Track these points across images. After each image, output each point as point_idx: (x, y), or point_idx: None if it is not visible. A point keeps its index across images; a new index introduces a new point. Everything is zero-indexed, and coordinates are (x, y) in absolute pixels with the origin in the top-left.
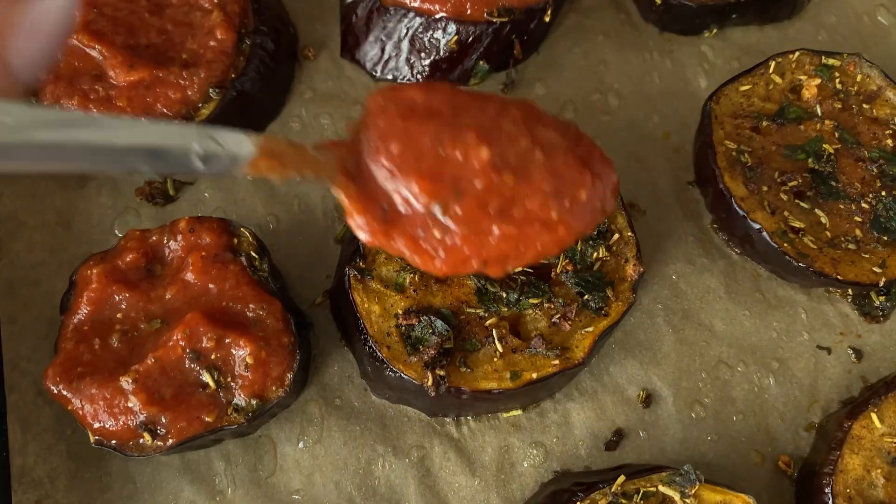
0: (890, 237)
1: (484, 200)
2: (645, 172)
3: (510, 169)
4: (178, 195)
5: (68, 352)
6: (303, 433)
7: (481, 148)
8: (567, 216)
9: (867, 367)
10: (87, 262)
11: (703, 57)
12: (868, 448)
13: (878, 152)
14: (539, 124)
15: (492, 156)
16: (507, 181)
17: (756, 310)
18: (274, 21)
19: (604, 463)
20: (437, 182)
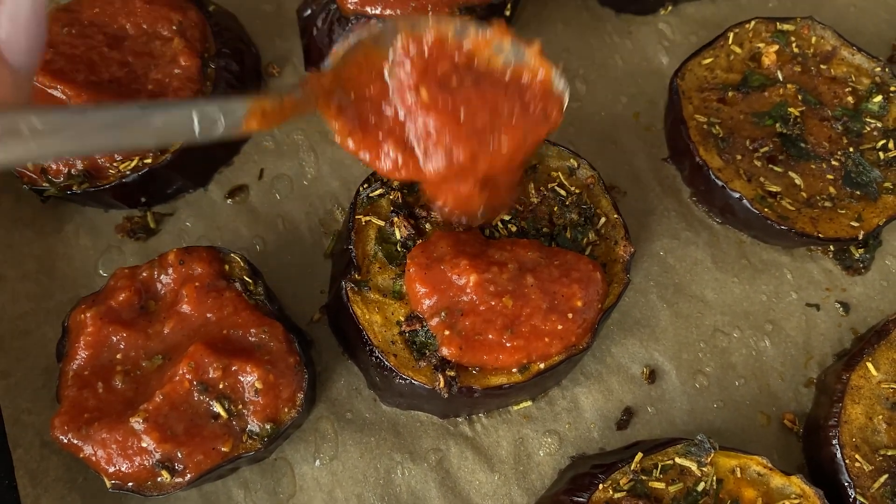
0: (862, 191)
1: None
2: (620, 154)
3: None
4: (160, 227)
5: (72, 399)
6: (318, 451)
7: None
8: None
9: (856, 319)
10: (79, 306)
11: (661, 35)
12: (868, 396)
13: (840, 110)
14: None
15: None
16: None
17: (744, 276)
18: (235, 42)
19: (617, 442)
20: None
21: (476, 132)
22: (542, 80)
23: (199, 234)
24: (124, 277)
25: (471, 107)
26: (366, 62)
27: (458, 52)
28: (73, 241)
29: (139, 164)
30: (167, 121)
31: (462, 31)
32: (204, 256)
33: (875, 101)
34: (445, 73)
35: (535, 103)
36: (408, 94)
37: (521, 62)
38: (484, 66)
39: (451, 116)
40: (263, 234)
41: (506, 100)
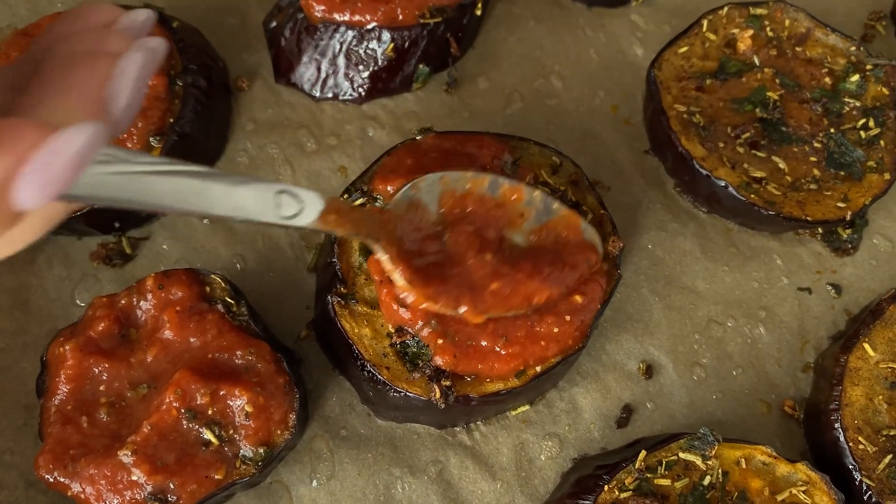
0: (847, 171)
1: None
2: (601, 148)
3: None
4: (136, 252)
5: (56, 436)
6: (314, 471)
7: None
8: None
9: (848, 300)
10: (57, 339)
11: (634, 26)
12: (866, 378)
13: (819, 91)
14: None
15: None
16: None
17: (734, 264)
18: (201, 57)
19: (618, 441)
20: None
21: (528, 299)
22: (575, 232)
23: (177, 256)
24: (102, 306)
25: (525, 278)
26: (415, 215)
27: (493, 206)
28: (47, 271)
29: None
30: (250, 197)
31: (495, 183)
32: (183, 279)
33: (852, 80)
34: (495, 239)
35: (576, 257)
36: (470, 257)
37: (551, 216)
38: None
39: (509, 284)
40: (243, 253)
41: (553, 267)
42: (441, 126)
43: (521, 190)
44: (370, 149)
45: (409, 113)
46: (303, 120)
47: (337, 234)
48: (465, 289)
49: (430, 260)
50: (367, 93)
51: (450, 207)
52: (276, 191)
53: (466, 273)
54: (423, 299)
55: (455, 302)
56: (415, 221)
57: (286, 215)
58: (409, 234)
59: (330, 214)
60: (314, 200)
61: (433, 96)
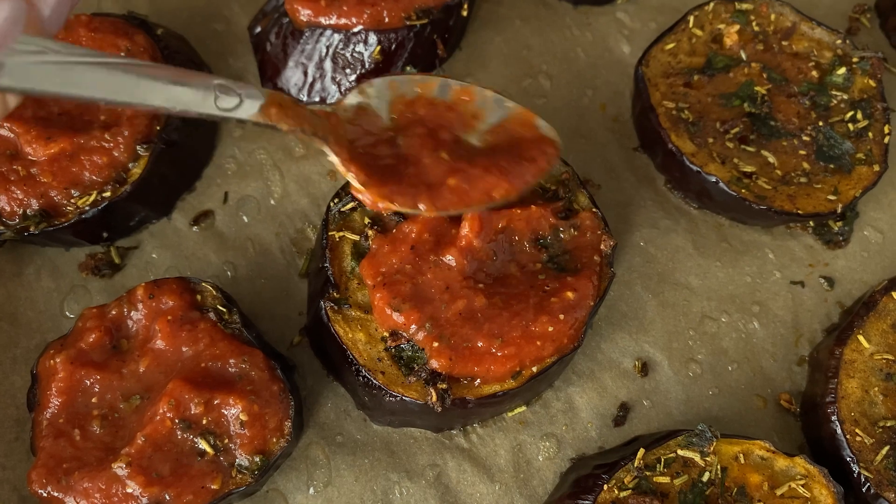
0: (836, 164)
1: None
2: (591, 147)
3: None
4: (125, 262)
5: (48, 449)
6: (311, 478)
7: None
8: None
9: (841, 292)
10: (47, 351)
11: (620, 24)
12: (862, 370)
13: (806, 85)
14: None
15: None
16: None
17: (726, 259)
18: (186, 64)
19: (616, 440)
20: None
21: (488, 194)
22: (530, 128)
23: (167, 265)
24: (93, 317)
25: (483, 173)
26: (364, 121)
27: (445, 108)
28: (35, 284)
29: (98, 198)
30: (188, 89)
31: (444, 87)
32: (174, 288)
33: (839, 73)
34: (452, 140)
35: (533, 151)
36: (425, 156)
37: (505, 114)
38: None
39: (466, 179)
40: (234, 260)
41: (510, 161)
42: None
43: (471, 91)
44: None
45: None
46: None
47: (279, 129)
48: (422, 186)
49: (385, 162)
50: None
51: (401, 113)
52: (215, 83)
53: (422, 171)
54: (380, 198)
55: (412, 200)
56: (365, 126)
57: (225, 107)
58: (360, 137)
59: (271, 107)
60: (254, 93)
61: None
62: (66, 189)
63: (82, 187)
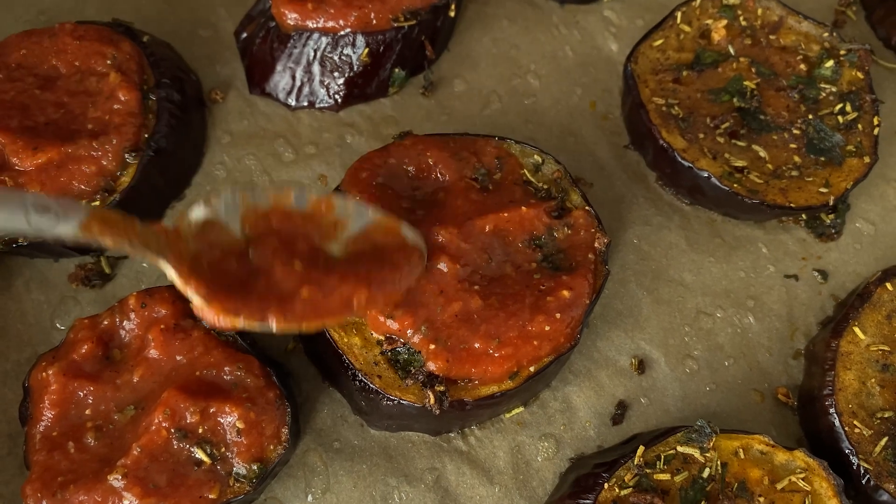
0: (827, 156)
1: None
2: (581, 145)
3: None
4: (115, 271)
5: (43, 463)
6: (308, 486)
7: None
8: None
9: (835, 285)
10: (39, 364)
11: (608, 22)
12: (858, 361)
13: (795, 79)
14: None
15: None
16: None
17: (719, 254)
18: (173, 70)
19: (614, 438)
20: None
21: (347, 302)
22: (395, 236)
23: (158, 273)
24: (84, 328)
25: (339, 282)
26: (212, 234)
27: (301, 220)
28: (25, 296)
29: None
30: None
31: (301, 197)
32: (166, 296)
33: (827, 66)
34: (309, 251)
35: (396, 257)
36: (277, 267)
37: (367, 222)
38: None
39: (321, 289)
40: None
41: (371, 268)
42: (420, 130)
43: (330, 200)
44: (349, 156)
45: (387, 118)
46: (279, 130)
47: (106, 245)
48: (271, 299)
49: (234, 277)
50: (343, 99)
51: (253, 225)
52: (30, 201)
53: (274, 284)
54: (223, 313)
55: (260, 314)
56: (212, 239)
57: (40, 226)
58: (207, 252)
59: (93, 223)
60: (72, 209)
61: (410, 100)
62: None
63: (71, 197)
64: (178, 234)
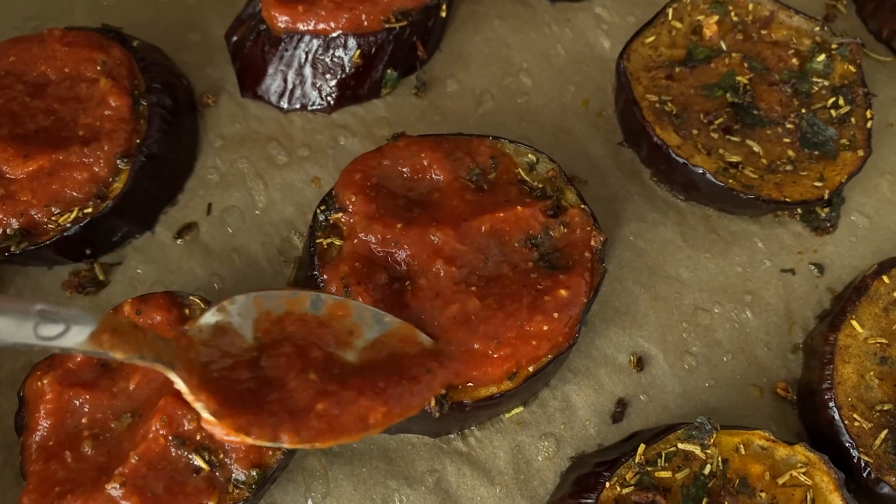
0: (821, 150)
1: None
2: (575, 143)
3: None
4: (109, 278)
5: (39, 473)
6: (308, 490)
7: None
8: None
9: (831, 278)
10: (34, 373)
11: (599, 19)
12: (857, 354)
13: (787, 73)
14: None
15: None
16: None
17: (715, 250)
18: (164, 75)
19: (615, 436)
20: None
21: (363, 420)
22: (413, 344)
23: (153, 280)
24: None
25: (356, 396)
26: (224, 341)
27: (316, 325)
28: None
29: (79, 214)
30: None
31: (317, 302)
32: (161, 303)
33: (819, 60)
34: (324, 359)
35: (415, 370)
36: (291, 379)
37: (384, 329)
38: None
39: (337, 404)
40: (220, 272)
41: (388, 381)
42: (413, 130)
43: (347, 305)
44: (343, 158)
45: (380, 119)
46: (272, 133)
47: (117, 357)
48: (284, 414)
49: (245, 387)
50: (335, 101)
51: (266, 331)
52: (37, 309)
53: (287, 397)
54: (234, 431)
55: (273, 431)
56: (224, 347)
57: (47, 335)
58: (217, 360)
59: (103, 334)
60: (82, 320)
61: (403, 101)
62: (47, 207)
63: (63, 204)
64: (189, 343)
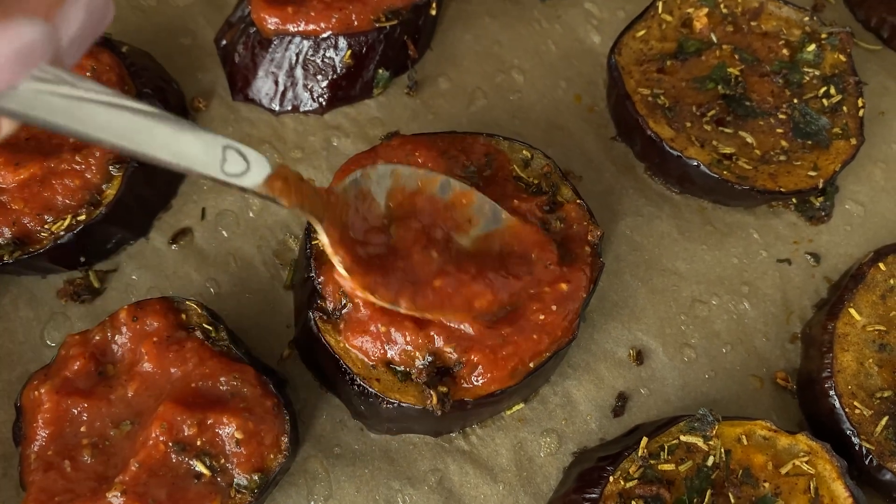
0: (813, 140)
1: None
2: (569, 139)
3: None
4: (105, 285)
5: (39, 483)
6: (311, 493)
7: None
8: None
9: (827, 267)
10: (31, 382)
11: (589, 14)
12: (855, 342)
13: (778, 64)
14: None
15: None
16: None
17: (712, 242)
18: (155, 80)
19: (616, 430)
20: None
21: (470, 302)
22: (522, 243)
23: (148, 286)
24: (76, 344)
25: (470, 280)
26: (362, 205)
27: (442, 207)
28: (13, 314)
29: (73, 222)
30: (196, 146)
31: (446, 186)
32: (158, 309)
33: (809, 50)
34: (444, 240)
35: (520, 268)
36: (416, 252)
37: (500, 225)
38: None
39: (452, 283)
40: (216, 276)
41: (497, 274)
42: (406, 130)
43: (471, 195)
44: (336, 159)
45: (373, 119)
46: (264, 135)
47: (280, 203)
48: (406, 283)
49: (374, 251)
50: (327, 102)
51: (398, 203)
52: (223, 145)
53: (410, 268)
54: (362, 288)
55: (395, 295)
56: (361, 210)
57: (231, 172)
58: (354, 221)
59: (277, 181)
60: (262, 163)
61: (395, 100)
62: (39, 215)
63: (56, 212)
64: (337, 200)
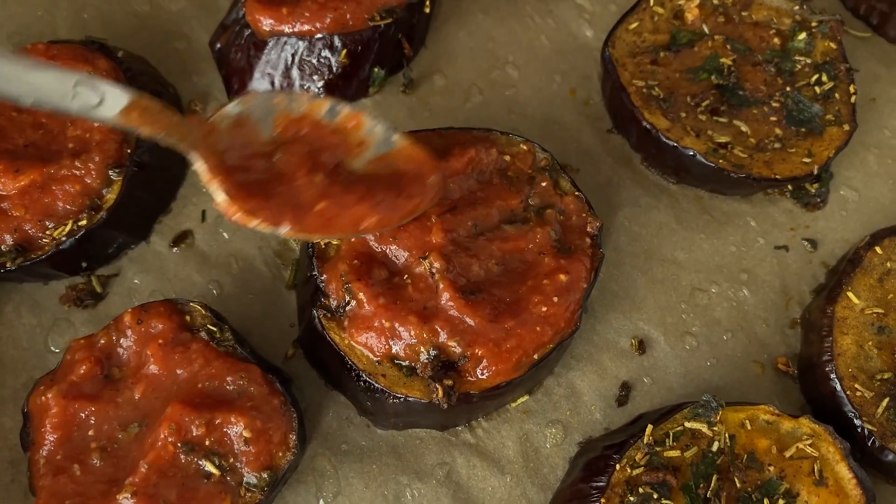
0: (807, 127)
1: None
2: (565, 132)
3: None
4: (107, 290)
5: (48, 488)
6: (319, 490)
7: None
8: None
9: (824, 253)
10: (37, 388)
11: (581, 9)
12: (854, 325)
13: (770, 53)
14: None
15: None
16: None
17: (709, 230)
18: (151, 84)
19: (621, 419)
20: None
21: (356, 224)
22: (416, 164)
23: (151, 289)
24: (81, 349)
25: (355, 202)
26: (243, 132)
27: (330, 131)
28: (16, 321)
29: (74, 227)
30: (45, 80)
31: (333, 110)
32: (162, 311)
33: (800, 38)
34: (331, 164)
35: (413, 188)
36: (300, 176)
37: (392, 147)
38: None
39: (336, 206)
40: (218, 278)
41: (387, 194)
42: (403, 128)
43: (360, 118)
44: None
45: None
46: None
47: (143, 133)
48: (288, 207)
49: (257, 177)
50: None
51: (284, 129)
52: (75, 80)
53: (293, 192)
54: (242, 212)
55: (276, 218)
56: (242, 138)
57: (85, 104)
58: (235, 149)
59: (133, 111)
60: (117, 95)
61: (391, 99)
62: (40, 221)
63: (56, 218)
64: (211, 128)
